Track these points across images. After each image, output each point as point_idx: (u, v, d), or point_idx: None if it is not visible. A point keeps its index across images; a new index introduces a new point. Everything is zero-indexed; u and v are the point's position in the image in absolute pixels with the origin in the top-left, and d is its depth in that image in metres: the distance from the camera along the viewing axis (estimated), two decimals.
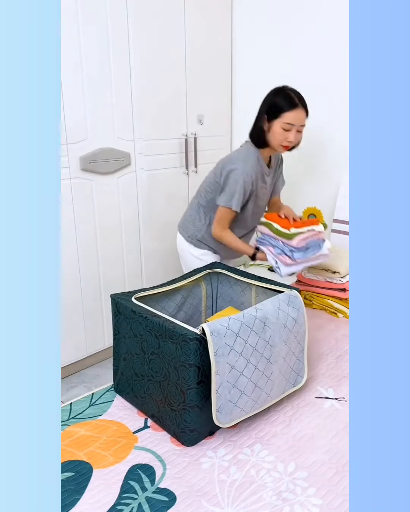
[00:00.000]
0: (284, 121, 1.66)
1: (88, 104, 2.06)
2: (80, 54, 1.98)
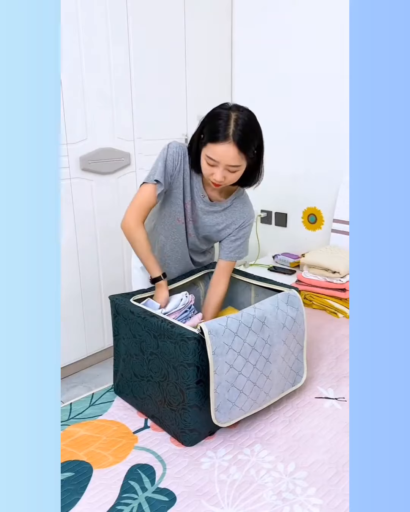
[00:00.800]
0: (207, 154, 1.26)
1: (88, 104, 2.06)
2: (80, 54, 1.98)
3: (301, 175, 2.58)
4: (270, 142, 2.65)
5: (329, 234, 2.50)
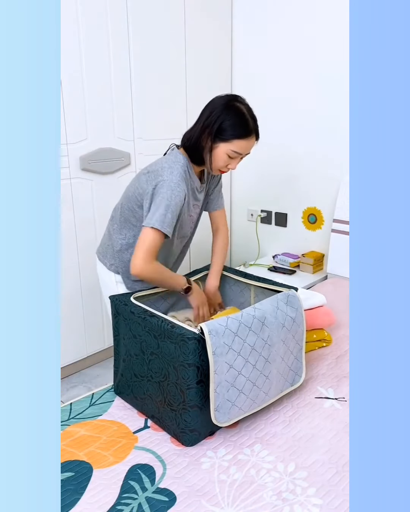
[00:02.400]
0: (232, 149, 1.35)
1: (88, 104, 2.06)
2: (80, 53, 1.98)
3: (301, 175, 2.58)
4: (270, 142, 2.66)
5: (329, 234, 2.50)
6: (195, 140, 1.38)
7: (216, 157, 1.37)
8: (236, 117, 1.33)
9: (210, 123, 1.34)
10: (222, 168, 1.41)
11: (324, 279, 2.46)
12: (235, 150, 1.35)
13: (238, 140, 1.33)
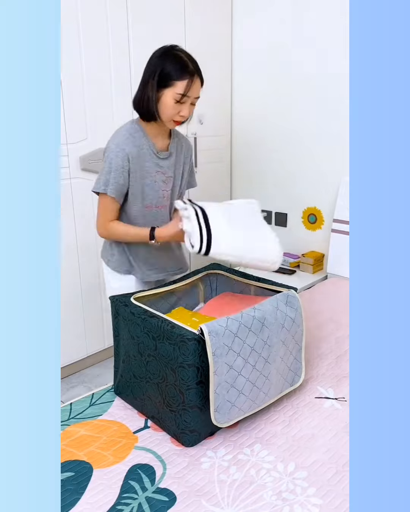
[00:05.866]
0: (177, 91, 1.34)
1: (88, 104, 2.06)
2: (80, 53, 1.98)
3: (301, 175, 2.58)
4: (270, 142, 2.66)
5: (329, 234, 2.50)
6: (140, 95, 1.41)
7: (163, 106, 1.37)
8: (174, 61, 1.35)
9: (150, 74, 1.37)
10: (175, 117, 1.39)
11: (324, 279, 2.46)
12: (180, 92, 1.34)
13: (181, 81, 1.34)
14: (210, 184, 2.78)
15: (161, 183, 1.51)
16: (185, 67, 1.34)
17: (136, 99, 1.43)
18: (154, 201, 1.51)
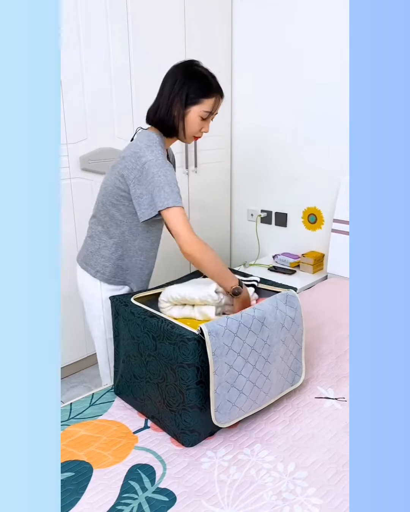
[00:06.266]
0: (204, 109, 1.38)
1: (88, 104, 2.06)
2: (80, 54, 1.98)
3: (301, 175, 2.58)
4: (270, 142, 2.66)
5: (329, 234, 2.50)
6: (165, 111, 1.39)
7: (189, 122, 1.40)
8: (200, 80, 1.38)
9: (178, 92, 1.37)
10: (196, 134, 1.43)
11: (324, 279, 2.46)
12: (207, 110, 1.39)
13: (208, 99, 1.38)
14: (210, 184, 2.78)
15: None
16: (211, 85, 1.38)
17: (160, 115, 1.40)
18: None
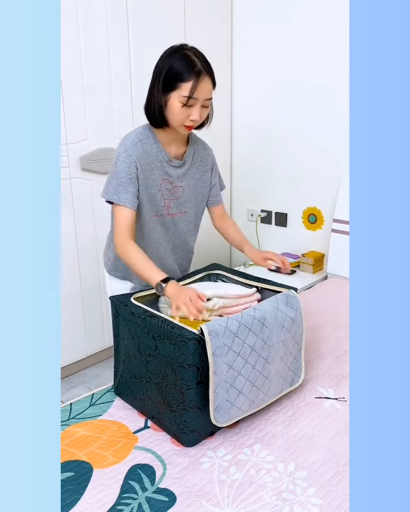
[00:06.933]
0: (183, 94, 1.24)
1: (88, 104, 2.06)
2: (80, 53, 1.98)
3: (301, 175, 2.58)
4: (270, 142, 2.66)
5: (329, 234, 2.50)
6: (148, 101, 1.33)
7: (171, 110, 1.28)
8: (180, 61, 1.24)
9: (157, 77, 1.28)
10: (185, 122, 1.30)
11: (324, 279, 2.46)
12: (186, 94, 1.23)
13: (186, 83, 1.23)
14: None
15: (166, 191, 1.43)
16: (192, 67, 1.23)
17: (148, 105, 1.34)
18: (156, 210, 1.45)
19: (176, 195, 1.47)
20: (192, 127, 1.34)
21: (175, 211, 1.50)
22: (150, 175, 1.38)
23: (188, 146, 1.47)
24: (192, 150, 1.48)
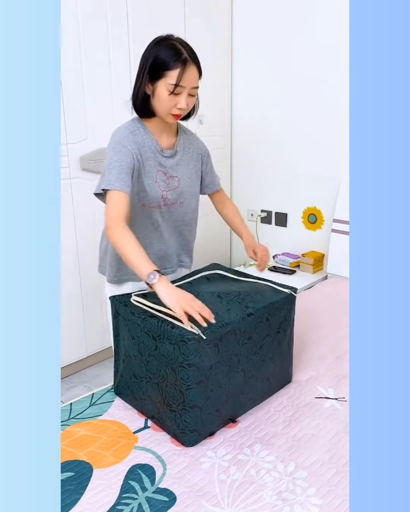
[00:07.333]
0: (169, 82, 1.25)
1: (88, 104, 2.06)
2: (80, 53, 1.98)
3: (301, 175, 2.58)
4: (270, 142, 2.66)
5: (329, 234, 2.50)
6: (136, 90, 1.34)
7: (159, 98, 1.29)
8: (166, 50, 1.26)
9: (143, 66, 1.29)
10: (172, 110, 1.30)
11: (324, 279, 2.46)
12: (172, 82, 1.25)
13: (172, 71, 1.25)
14: None
15: (162, 183, 1.43)
16: (178, 55, 1.25)
17: (135, 96, 1.35)
18: (151, 201, 1.43)
19: (172, 186, 1.47)
20: (180, 115, 1.34)
21: (172, 201, 1.49)
22: (144, 166, 1.39)
23: (178, 135, 1.48)
24: (183, 140, 1.49)
